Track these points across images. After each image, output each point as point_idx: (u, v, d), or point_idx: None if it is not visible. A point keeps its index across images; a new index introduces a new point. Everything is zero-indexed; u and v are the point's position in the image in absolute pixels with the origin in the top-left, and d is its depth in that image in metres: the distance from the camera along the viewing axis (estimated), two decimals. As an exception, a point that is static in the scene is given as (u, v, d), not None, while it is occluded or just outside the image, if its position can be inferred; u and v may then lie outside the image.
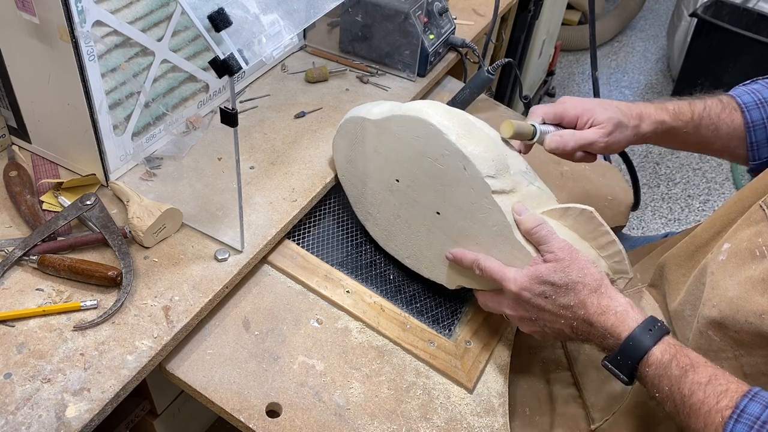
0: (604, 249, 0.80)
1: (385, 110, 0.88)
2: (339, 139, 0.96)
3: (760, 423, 0.60)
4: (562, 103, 0.90)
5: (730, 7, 2.58)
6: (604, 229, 0.79)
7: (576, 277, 0.74)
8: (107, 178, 0.91)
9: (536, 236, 0.77)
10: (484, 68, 1.17)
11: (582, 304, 0.73)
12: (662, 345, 0.69)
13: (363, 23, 1.17)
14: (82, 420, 0.67)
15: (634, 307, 0.73)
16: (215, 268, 0.84)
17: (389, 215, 0.93)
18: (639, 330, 0.70)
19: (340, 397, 0.80)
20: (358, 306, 0.89)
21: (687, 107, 0.91)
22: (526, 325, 0.80)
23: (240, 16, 0.69)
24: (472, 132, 0.82)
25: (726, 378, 0.65)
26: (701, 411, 0.64)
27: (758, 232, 0.71)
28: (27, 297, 0.77)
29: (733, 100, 0.91)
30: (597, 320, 0.72)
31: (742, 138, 0.90)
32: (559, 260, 0.75)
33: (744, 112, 0.89)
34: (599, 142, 0.86)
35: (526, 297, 0.77)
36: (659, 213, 2.28)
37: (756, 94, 0.90)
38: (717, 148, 0.93)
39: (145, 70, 0.90)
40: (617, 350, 0.71)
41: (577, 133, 0.87)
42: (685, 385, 0.65)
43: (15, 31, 0.81)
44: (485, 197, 0.79)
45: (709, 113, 0.90)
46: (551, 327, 0.77)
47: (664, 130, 0.90)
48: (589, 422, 0.86)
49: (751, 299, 0.68)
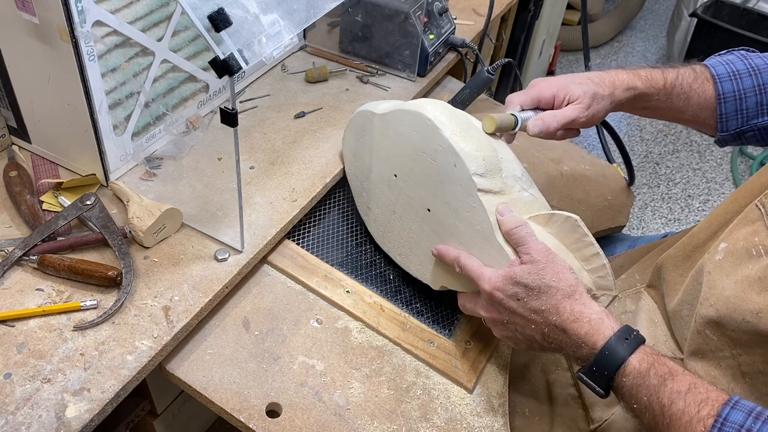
0: (588, 261, 0.78)
1: (391, 105, 0.89)
2: (348, 132, 0.97)
3: (744, 430, 0.59)
4: (535, 86, 0.89)
5: (730, 7, 2.58)
6: (589, 240, 0.77)
7: (550, 281, 0.72)
8: (107, 178, 0.91)
9: (515, 237, 0.76)
10: (483, 68, 1.17)
11: (554, 309, 0.71)
12: (639, 354, 0.67)
13: (363, 23, 1.17)
14: (82, 420, 0.67)
15: (609, 315, 0.71)
16: (215, 268, 0.84)
17: (386, 211, 0.93)
18: (615, 339, 0.68)
19: (340, 397, 0.80)
20: (358, 306, 0.89)
21: (660, 74, 0.91)
22: (499, 329, 0.79)
23: (240, 16, 0.69)
24: (468, 131, 0.82)
25: (705, 387, 0.64)
26: (682, 420, 0.62)
27: (754, 231, 0.71)
28: (27, 297, 0.77)
29: (706, 70, 0.91)
30: (570, 327, 0.70)
31: (712, 109, 0.90)
32: (535, 262, 0.74)
33: (716, 83, 0.89)
34: (580, 117, 0.86)
35: (498, 297, 0.75)
36: (659, 213, 2.28)
37: (730, 66, 0.90)
38: (687, 118, 0.93)
39: (145, 70, 0.90)
40: (592, 360, 0.69)
41: (557, 113, 0.86)
42: (665, 395, 0.64)
43: (15, 31, 0.81)
44: (471, 195, 0.79)
45: (681, 82, 0.90)
46: (522, 332, 0.75)
47: (636, 95, 0.90)
48: (588, 422, 0.86)
49: (748, 298, 0.68)
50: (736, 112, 0.89)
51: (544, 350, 0.76)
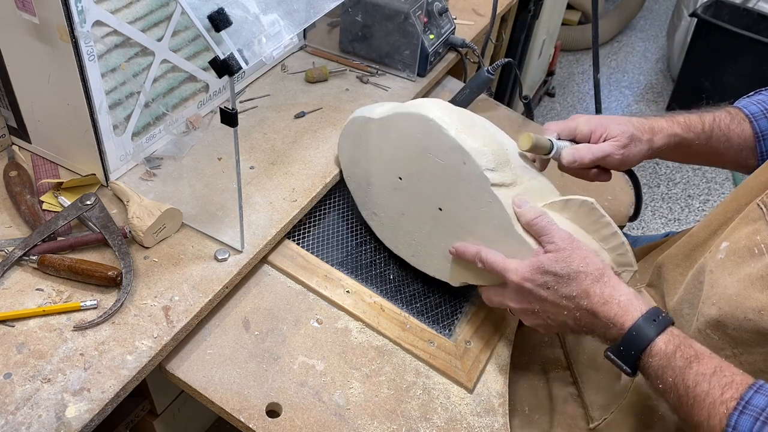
0: (606, 241, 0.80)
1: (389, 109, 0.88)
2: (343, 140, 0.96)
3: (765, 415, 0.60)
4: (574, 119, 0.90)
5: (730, 7, 2.57)
6: (606, 221, 0.79)
7: (578, 266, 0.74)
8: (107, 178, 0.91)
9: (536, 227, 0.78)
10: (483, 68, 1.17)
11: (585, 293, 0.73)
12: (666, 335, 0.69)
13: (363, 23, 1.17)
14: (82, 420, 0.67)
15: (638, 297, 0.73)
16: (215, 268, 0.84)
17: (394, 214, 0.93)
18: (642, 320, 0.70)
19: (340, 397, 0.80)
20: (358, 306, 0.89)
21: (697, 119, 0.91)
22: (530, 317, 0.80)
23: (240, 16, 0.69)
24: (472, 127, 0.82)
25: (731, 370, 0.65)
26: (705, 402, 0.64)
27: (756, 230, 0.71)
28: (27, 297, 0.77)
29: (740, 111, 0.91)
30: (600, 310, 0.72)
31: (752, 148, 0.90)
32: (561, 250, 0.75)
33: (752, 122, 0.90)
34: (615, 155, 0.86)
35: (528, 288, 0.77)
36: (659, 213, 2.28)
37: (762, 105, 0.91)
38: (727, 159, 0.93)
39: (145, 70, 0.90)
40: (620, 340, 0.71)
41: (593, 147, 0.87)
42: (690, 376, 0.65)
43: (15, 31, 0.81)
44: (485, 191, 0.80)
45: (719, 124, 0.90)
46: (554, 319, 0.77)
47: (677, 143, 0.90)
48: (588, 421, 0.86)
49: (750, 296, 0.68)
50: None
51: (576, 333, 0.78)
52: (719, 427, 0.62)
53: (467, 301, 0.95)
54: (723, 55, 2.50)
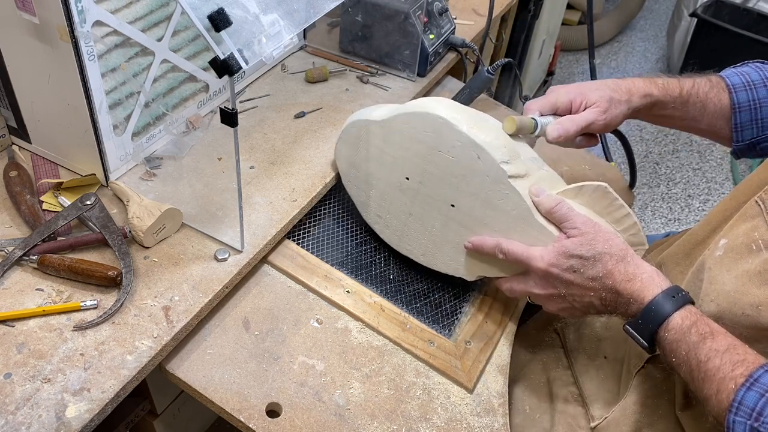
0: (619, 223, 0.82)
1: (389, 110, 0.89)
2: (341, 145, 0.96)
3: None
4: (552, 92, 0.92)
5: (730, 7, 2.58)
6: (619, 203, 0.81)
7: (602, 248, 0.75)
8: (107, 178, 0.91)
9: (557, 215, 0.79)
10: (483, 68, 1.17)
11: (609, 273, 0.75)
12: (683, 312, 0.70)
13: (363, 23, 1.17)
14: (82, 420, 0.67)
15: (659, 274, 0.74)
16: (215, 268, 0.84)
17: (401, 215, 0.93)
18: (662, 296, 0.71)
19: (340, 397, 0.80)
20: (358, 306, 0.89)
21: (676, 83, 0.92)
22: (555, 302, 0.81)
23: (240, 16, 0.69)
24: (480, 122, 0.84)
25: (744, 349, 0.66)
26: (716, 377, 0.65)
27: (754, 226, 0.72)
28: (27, 297, 0.77)
29: (722, 80, 0.92)
30: (623, 287, 0.73)
31: (727, 118, 0.91)
32: (584, 234, 0.77)
33: (731, 93, 0.91)
34: (598, 121, 0.88)
35: (555, 273, 0.78)
36: (659, 213, 2.28)
37: (745, 76, 0.91)
38: (702, 127, 0.94)
39: (145, 70, 0.90)
40: (639, 314, 0.72)
41: (575, 117, 0.88)
42: (702, 351, 0.66)
43: (15, 31, 0.81)
44: (502, 183, 0.81)
45: (697, 91, 0.92)
46: (580, 301, 0.78)
47: (652, 103, 0.91)
48: (588, 420, 0.86)
49: (748, 291, 0.69)
50: (751, 121, 0.90)
51: (600, 314, 0.80)
52: (726, 400, 0.63)
53: (467, 302, 0.95)
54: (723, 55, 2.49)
